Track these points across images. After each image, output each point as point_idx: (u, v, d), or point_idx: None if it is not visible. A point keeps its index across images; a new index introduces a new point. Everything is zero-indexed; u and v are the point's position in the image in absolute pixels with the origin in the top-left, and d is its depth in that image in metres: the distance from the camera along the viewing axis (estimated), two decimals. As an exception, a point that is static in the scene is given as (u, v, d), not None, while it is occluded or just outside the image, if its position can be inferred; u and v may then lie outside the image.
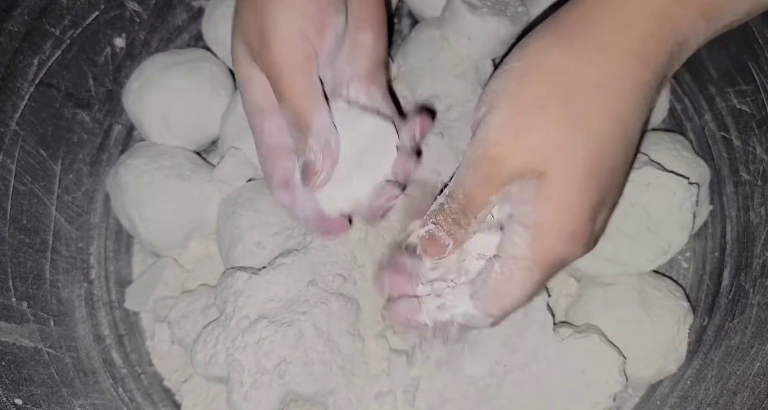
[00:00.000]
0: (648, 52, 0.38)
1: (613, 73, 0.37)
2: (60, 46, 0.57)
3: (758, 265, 0.55)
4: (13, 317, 0.52)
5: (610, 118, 0.38)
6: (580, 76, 0.38)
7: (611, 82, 0.37)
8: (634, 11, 0.37)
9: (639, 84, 0.38)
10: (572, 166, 0.38)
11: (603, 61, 0.37)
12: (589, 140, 0.38)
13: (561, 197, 0.38)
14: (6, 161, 0.54)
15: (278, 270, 0.52)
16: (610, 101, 0.38)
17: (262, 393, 0.48)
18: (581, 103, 0.37)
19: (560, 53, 0.38)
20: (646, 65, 0.38)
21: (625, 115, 0.38)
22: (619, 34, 0.37)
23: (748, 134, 0.56)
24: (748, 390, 0.51)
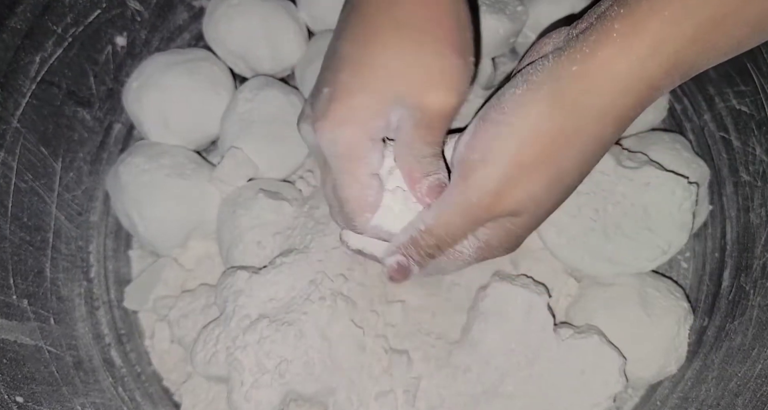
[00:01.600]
0: (629, 119, 0.40)
1: (597, 138, 0.40)
2: (62, 44, 0.57)
3: (759, 267, 0.55)
4: (13, 314, 0.52)
5: (579, 176, 0.42)
6: (571, 142, 0.40)
7: (592, 147, 0.41)
8: (631, 84, 0.38)
9: (609, 143, 0.41)
10: (541, 212, 0.43)
11: (592, 126, 0.40)
12: (558, 196, 0.43)
13: (514, 235, 0.44)
14: (7, 158, 0.54)
15: (279, 269, 0.52)
16: (584, 161, 0.41)
17: (262, 392, 0.48)
18: (566, 166, 0.41)
19: (560, 120, 0.39)
20: (621, 130, 0.41)
21: (588, 169, 0.42)
22: (615, 105, 0.39)
23: (748, 135, 0.56)
24: (749, 392, 0.51)
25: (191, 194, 0.58)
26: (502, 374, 0.50)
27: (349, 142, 0.45)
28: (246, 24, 0.61)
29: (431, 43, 0.44)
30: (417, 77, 0.44)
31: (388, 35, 0.44)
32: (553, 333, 0.51)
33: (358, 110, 0.44)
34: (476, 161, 0.41)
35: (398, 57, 0.44)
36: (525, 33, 0.62)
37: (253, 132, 0.58)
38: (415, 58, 0.44)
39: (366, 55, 0.44)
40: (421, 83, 0.44)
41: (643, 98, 0.39)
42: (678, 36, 0.37)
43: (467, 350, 0.51)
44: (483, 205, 0.42)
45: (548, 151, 0.40)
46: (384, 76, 0.44)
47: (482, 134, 0.41)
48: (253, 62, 0.63)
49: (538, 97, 0.40)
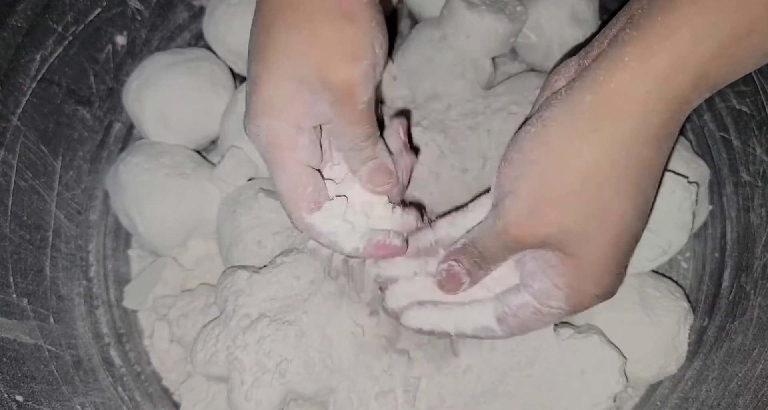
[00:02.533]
0: (666, 135, 0.38)
1: (634, 163, 0.38)
2: (62, 42, 0.57)
3: (759, 267, 0.55)
4: (13, 313, 0.52)
5: (633, 204, 0.39)
6: (600, 170, 0.38)
7: (632, 171, 0.38)
8: (655, 103, 0.37)
9: (658, 164, 0.39)
10: (595, 248, 0.40)
11: (623, 153, 0.38)
12: (609, 226, 0.39)
13: (589, 271, 0.41)
14: (8, 157, 0.54)
15: (279, 269, 0.51)
16: (629, 188, 0.39)
17: (262, 392, 0.48)
18: (602, 195, 0.39)
19: (583, 148, 0.38)
20: (664, 145, 0.39)
21: (645, 195, 0.40)
22: (642, 127, 0.37)
23: (748, 135, 0.56)
24: (750, 392, 0.51)
25: (191, 193, 0.58)
26: (502, 374, 0.50)
27: (269, 131, 0.44)
28: (246, 23, 0.60)
29: (325, 15, 0.43)
30: (316, 53, 0.43)
31: (286, 16, 0.43)
32: (553, 333, 0.51)
33: (272, 99, 0.44)
34: (505, 192, 0.41)
35: (296, 36, 0.43)
36: (525, 33, 0.62)
37: (252, 131, 0.58)
38: (311, 34, 0.43)
39: (270, 39, 0.44)
40: (321, 59, 0.43)
41: (674, 114, 0.38)
42: (698, 55, 0.36)
43: (467, 350, 0.51)
44: (511, 235, 0.41)
45: (574, 182, 0.39)
46: (286, 59, 0.43)
47: (507, 172, 0.41)
48: (252, 62, 0.63)
49: (556, 131, 0.39)
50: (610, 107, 0.37)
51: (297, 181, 0.45)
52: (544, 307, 0.42)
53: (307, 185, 0.46)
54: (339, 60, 0.43)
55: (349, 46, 0.44)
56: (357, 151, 0.46)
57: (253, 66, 0.45)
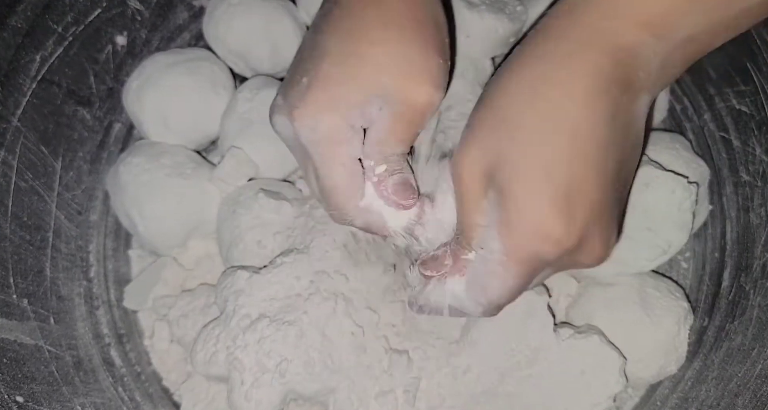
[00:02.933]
0: (580, 60, 0.40)
1: (544, 79, 0.40)
2: (62, 43, 0.57)
3: (759, 267, 0.55)
4: (13, 314, 0.52)
5: (546, 120, 0.40)
6: (514, 88, 0.41)
7: (543, 88, 0.40)
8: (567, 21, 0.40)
9: (579, 84, 0.39)
10: (525, 180, 0.40)
11: (546, 82, 0.40)
12: (534, 154, 0.39)
13: (522, 207, 0.40)
14: (8, 157, 0.54)
15: (279, 269, 0.51)
16: (555, 122, 0.39)
17: (262, 392, 0.48)
18: (523, 121, 0.40)
19: (511, 80, 0.41)
20: (581, 67, 0.39)
21: (564, 112, 0.39)
22: (552, 44, 0.40)
23: (748, 135, 0.56)
24: (750, 392, 0.51)
25: (191, 193, 0.58)
26: (502, 374, 0.51)
27: (329, 127, 0.44)
28: (246, 24, 0.61)
29: (417, 42, 0.45)
30: (403, 71, 0.45)
31: (375, 31, 0.45)
32: (553, 333, 0.51)
33: (339, 98, 0.44)
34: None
35: (384, 52, 0.44)
36: (524, 32, 0.62)
37: (253, 131, 0.58)
38: (401, 54, 0.45)
39: (352, 47, 0.45)
40: (408, 77, 0.45)
41: (588, 39, 0.39)
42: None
43: (467, 350, 0.51)
44: (456, 172, 0.43)
45: (503, 109, 0.41)
46: (370, 68, 0.44)
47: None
48: (253, 62, 0.63)
49: (497, 75, 0.43)
50: (537, 39, 0.41)
51: (354, 174, 0.46)
52: (487, 255, 0.42)
53: (361, 177, 0.46)
54: (426, 83, 0.45)
55: (436, 75, 0.46)
56: (386, 162, 0.47)
57: (322, 65, 0.45)
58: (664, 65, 0.41)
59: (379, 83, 0.44)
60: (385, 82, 0.44)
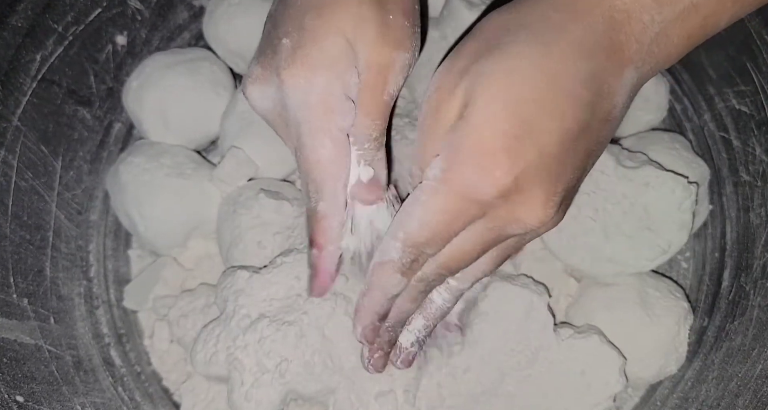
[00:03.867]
0: (562, 20, 0.38)
1: (524, 38, 0.38)
2: (62, 42, 0.57)
3: (759, 267, 0.55)
4: (14, 313, 0.52)
5: (535, 70, 0.38)
6: (513, 35, 0.39)
7: (522, 47, 0.38)
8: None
9: (567, 40, 0.38)
10: (480, 113, 0.38)
11: (514, 22, 0.39)
12: (494, 87, 0.38)
13: (473, 127, 0.38)
14: (8, 157, 0.54)
15: (279, 269, 0.51)
16: (539, 58, 0.38)
17: (262, 392, 0.48)
18: (509, 57, 0.38)
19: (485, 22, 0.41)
20: (575, 20, 0.38)
21: (553, 70, 0.38)
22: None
23: (748, 135, 0.56)
24: (750, 392, 0.51)
25: (191, 193, 0.58)
26: (502, 374, 0.51)
27: (323, 89, 0.42)
28: (246, 23, 0.61)
29: (375, 2, 0.43)
30: (367, 27, 0.42)
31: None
32: (553, 333, 0.51)
33: (331, 52, 0.42)
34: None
35: (355, 7, 0.42)
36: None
37: (253, 131, 0.58)
38: (358, 15, 0.42)
39: (326, 2, 0.43)
40: (370, 35, 0.42)
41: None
42: None
43: (467, 350, 0.51)
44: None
45: (476, 42, 0.40)
46: (344, 19, 0.42)
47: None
48: (253, 62, 0.63)
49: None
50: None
51: (342, 149, 0.43)
52: (423, 182, 0.40)
53: (349, 155, 0.44)
54: (384, 42, 0.42)
55: (398, 34, 0.43)
56: (358, 149, 0.45)
57: (304, 21, 0.42)
58: (659, 38, 0.38)
59: (348, 36, 0.42)
60: (351, 35, 0.42)
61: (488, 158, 0.37)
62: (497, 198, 0.38)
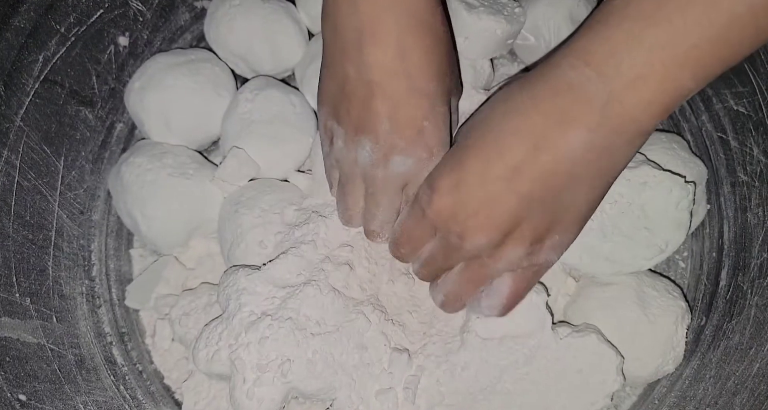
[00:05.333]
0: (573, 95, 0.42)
1: (519, 98, 0.44)
2: (65, 43, 0.57)
3: (756, 266, 0.55)
4: (16, 313, 0.52)
5: (508, 116, 0.44)
6: (510, 96, 0.45)
7: (519, 101, 0.44)
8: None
9: (527, 105, 0.44)
10: (470, 141, 0.45)
11: (515, 87, 0.45)
12: (488, 129, 0.45)
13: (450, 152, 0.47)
14: (11, 157, 0.54)
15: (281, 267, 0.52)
16: (517, 111, 0.44)
17: (264, 390, 0.48)
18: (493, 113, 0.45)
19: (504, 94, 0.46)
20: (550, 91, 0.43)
21: (524, 116, 0.43)
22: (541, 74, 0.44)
23: (745, 135, 0.56)
24: (747, 391, 0.51)
25: (194, 193, 0.58)
26: (500, 372, 0.51)
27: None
28: (247, 25, 0.61)
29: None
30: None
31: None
32: (551, 331, 0.51)
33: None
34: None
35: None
36: (523, 34, 0.62)
37: (254, 132, 0.58)
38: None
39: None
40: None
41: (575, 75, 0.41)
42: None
43: (466, 347, 0.51)
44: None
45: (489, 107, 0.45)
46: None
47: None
48: (253, 63, 0.63)
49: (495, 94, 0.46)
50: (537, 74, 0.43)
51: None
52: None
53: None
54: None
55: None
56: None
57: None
58: (611, 105, 0.41)
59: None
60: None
61: (444, 170, 0.47)
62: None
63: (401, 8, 0.46)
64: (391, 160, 0.49)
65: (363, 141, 0.49)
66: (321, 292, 0.51)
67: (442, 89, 0.49)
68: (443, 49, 0.49)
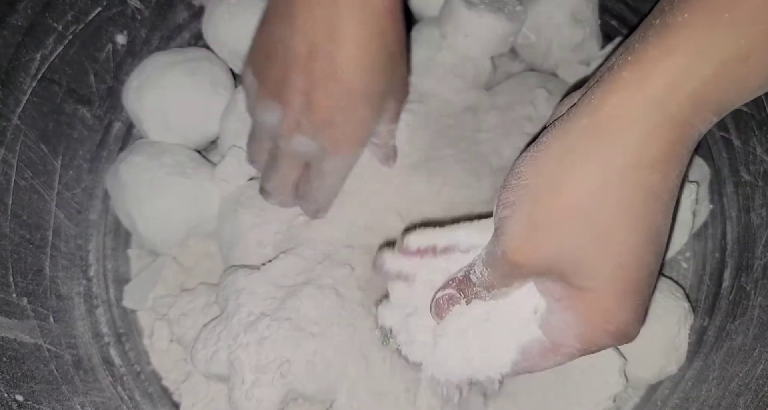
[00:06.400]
0: (672, 160, 0.37)
1: (632, 188, 0.37)
2: (62, 41, 0.57)
3: (759, 267, 0.55)
4: (13, 313, 0.52)
5: (638, 231, 0.37)
6: (602, 195, 0.37)
7: (630, 197, 0.37)
8: (653, 125, 0.36)
9: (667, 191, 0.37)
10: (600, 278, 0.38)
11: (618, 177, 0.36)
12: (611, 254, 0.37)
13: (596, 304, 0.38)
14: (8, 156, 0.54)
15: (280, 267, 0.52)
16: (637, 216, 0.37)
17: (263, 391, 0.48)
18: (605, 222, 0.37)
19: (578, 173, 0.37)
20: (672, 172, 0.37)
21: (653, 223, 0.38)
22: (639, 151, 0.36)
23: (748, 135, 0.56)
24: (751, 392, 0.50)
25: (192, 193, 0.58)
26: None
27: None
28: (245, 23, 0.61)
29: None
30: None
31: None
32: (554, 332, 0.51)
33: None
34: (503, 218, 0.40)
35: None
36: (524, 33, 0.62)
37: (253, 131, 0.58)
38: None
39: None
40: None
41: (676, 138, 0.36)
42: (695, 75, 0.35)
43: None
44: (508, 261, 0.39)
45: (572, 208, 0.37)
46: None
47: (505, 198, 0.40)
48: (252, 62, 0.63)
49: (550, 155, 0.38)
50: (604, 130, 0.37)
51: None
52: (554, 344, 0.40)
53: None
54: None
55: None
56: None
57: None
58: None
59: None
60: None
61: (624, 329, 0.38)
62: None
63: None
64: (295, 137, 0.48)
65: (275, 107, 0.49)
66: (321, 293, 0.50)
67: (372, 88, 0.48)
68: (384, 45, 0.47)
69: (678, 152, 0.37)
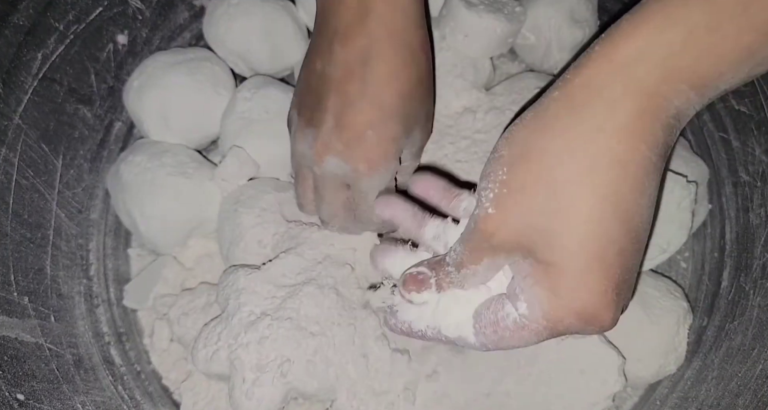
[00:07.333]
0: (639, 130, 0.37)
1: (603, 155, 0.36)
2: (63, 41, 0.57)
3: (758, 267, 0.55)
4: (14, 312, 0.52)
5: (604, 202, 0.37)
6: (567, 161, 0.37)
7: (601, 165, 0.36)
8: (619, 92, 0.36)
9: (635, 163, 0.37)
10: (567, 252, 0.37)
11: (591, 143, 0.36)
12: (580, 227, 0.37)
13: (569, 282, 0.37)
14: (9, 155, 0.54)
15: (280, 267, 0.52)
16: (601, 185, 0.37)
17: (264, 390, 0.48)
18: (569, 190, 0.37)
19: (546, 140, 0.38)
20: (640, 143, 0.37)
21: (621, 196, 0.37)
22: (608, 118, 0.36)
23: (747, 135, 0.56)
24: (750, 392, 0.51)
25: (193, 192, 0.58)
26: (501, 373, 0.51)
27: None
28: (246, 24, 0.61)
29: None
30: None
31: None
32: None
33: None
34: (479, 190, 0.40)
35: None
36: (523, 33, 0.62)
37: (253, 131, 0.58)
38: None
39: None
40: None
41: (644, 107, 0.36)
42: (663, 43, 0.35)
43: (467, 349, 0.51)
44: (480, 230, 0.39)
45: (538, 173, 0.37)
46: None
47: (483, 171, 0.41)
48: (252, 62, 0.63)
49: (522, 126, 0.39)
50: (573, 99, 0.37)
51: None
52: (522, 320, 0.39)
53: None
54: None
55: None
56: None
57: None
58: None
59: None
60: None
61: (595, 312, 0.38)
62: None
63: (381, 21, 0.46)
64: (326, 160, 0.48)
65: (308, 135, 0.49)
66: (321, 292, 0.50)
67: (403, 111, 0.48)
68: (415, 74, 0.48)
69: (647, 123, 0.36)
